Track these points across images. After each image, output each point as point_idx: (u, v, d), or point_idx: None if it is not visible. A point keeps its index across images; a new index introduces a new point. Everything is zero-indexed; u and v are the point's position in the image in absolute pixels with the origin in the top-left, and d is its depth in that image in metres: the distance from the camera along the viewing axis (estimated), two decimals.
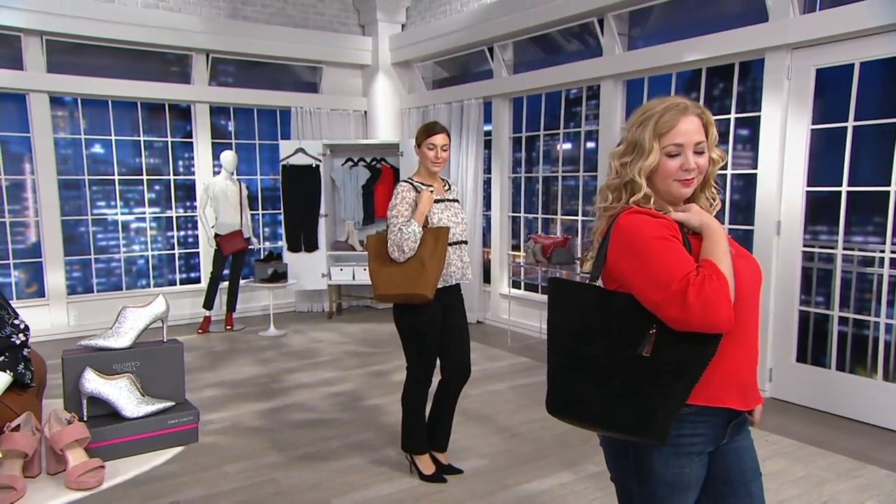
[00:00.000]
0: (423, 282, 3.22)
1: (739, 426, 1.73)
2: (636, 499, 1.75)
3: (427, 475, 3.51)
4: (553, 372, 1.76)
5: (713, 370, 1.58)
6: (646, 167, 1.66)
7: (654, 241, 1.60)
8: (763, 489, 1.78)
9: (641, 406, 1.58)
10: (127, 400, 2.01)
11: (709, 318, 1.50)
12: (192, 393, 4.85)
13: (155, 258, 7.72)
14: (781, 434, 4.10)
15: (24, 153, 6.78)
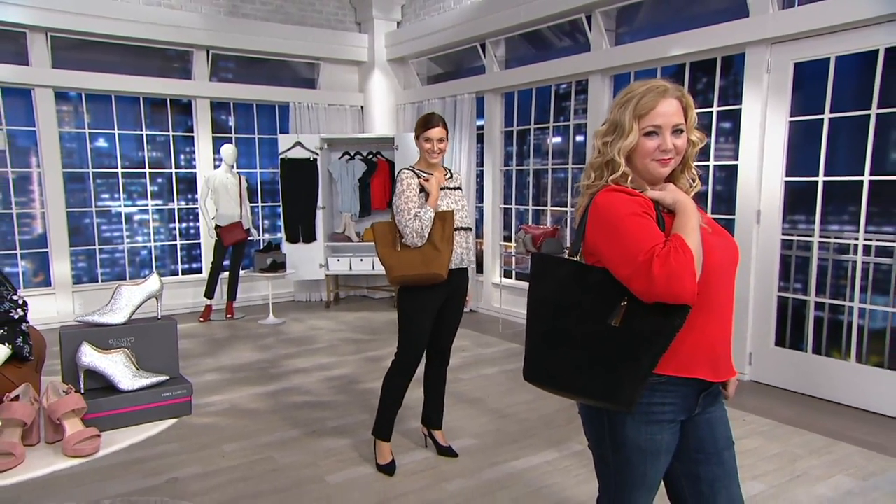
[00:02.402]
0: (438, 262, 3.24)
1: (713, 397, 1.76)
2: (611, 464, 1.79)
3: (380, 464, 3.45)
4: (531, 341, 1.79)
5: (683, 342, 1.60)
6: (625, 147, 1.68)
7: (627, 218, 1.62)
8: (735, 458, 1.80)
9: (610, 374, 1.61)
10: (122, 373, 2.05)
11: (673, 290, 1.51)
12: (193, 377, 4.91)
13: (157, 249, 7.74)
14: (759, 414, 4.15)
15: (30, 147, 6.79)
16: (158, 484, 3.28)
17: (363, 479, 3.34)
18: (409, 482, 3.29)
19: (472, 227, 3.57)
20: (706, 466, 1.76)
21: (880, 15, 4.00)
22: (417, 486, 3.25)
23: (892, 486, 3.22)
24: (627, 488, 1.77)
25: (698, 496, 1.78)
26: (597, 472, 1.87)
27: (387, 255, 3.34)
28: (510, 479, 3.32)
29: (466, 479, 3.32)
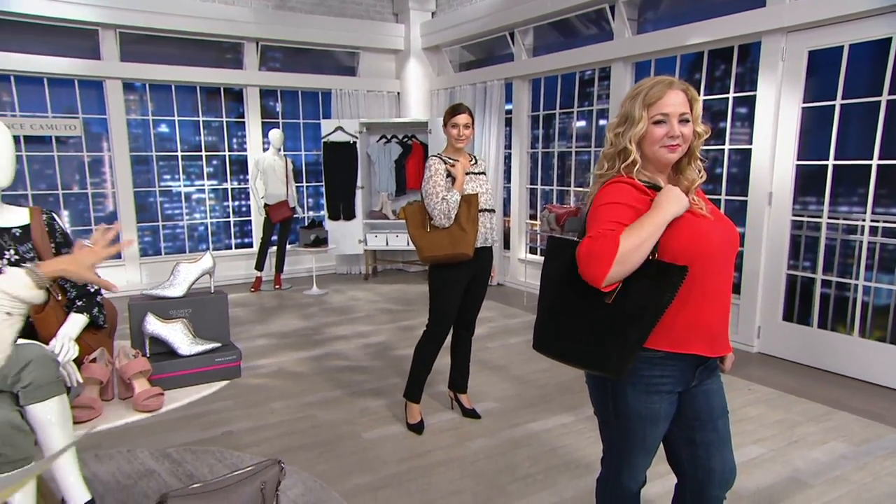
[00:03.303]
0: (465, 242, 3.29)
1: (709, 371, 1.79)
2: (613, 428, 1.85)
3: (410, 423, 3.55)
4: (539, 314, 1.83)
5: (678, 320, 1.64)
6: (635, 134, 1.69)
7: (605, 205, 1.66)
8: (729, 425, 1.84)
9: (600, 346, 1.66)
10: (181, 340, 2.20)
11: (587, 270, 1.57)
12: (245, 342, 5.10)
13: (213, 225, 7.92)
14: (764, 384, 4.15)
15: (101, 133, 7.00)
16: (215, 436, 3.45)
17: (395, 436, 3.44)
18: (437, 440, 3.39)
19: (495, 209, 3.58)
20: (702, 433, 1.80)
21: (894, 3, 3.90)
22: (444, 443, 3.35)
23: (885, 451, 3.23)
24: (627, 450, 1.84)
25: (694, 459, 1.83)
26: (601, 435, 1.93)
27: (417, 236, 3.39)
28: (528, 439, 3.38)
29: (488, 439, 3.40)
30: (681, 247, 1.62)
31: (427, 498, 2.81)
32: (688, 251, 1.62)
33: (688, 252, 1.61)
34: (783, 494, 2.82)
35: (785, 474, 2.99)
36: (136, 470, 3.00)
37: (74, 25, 6.52)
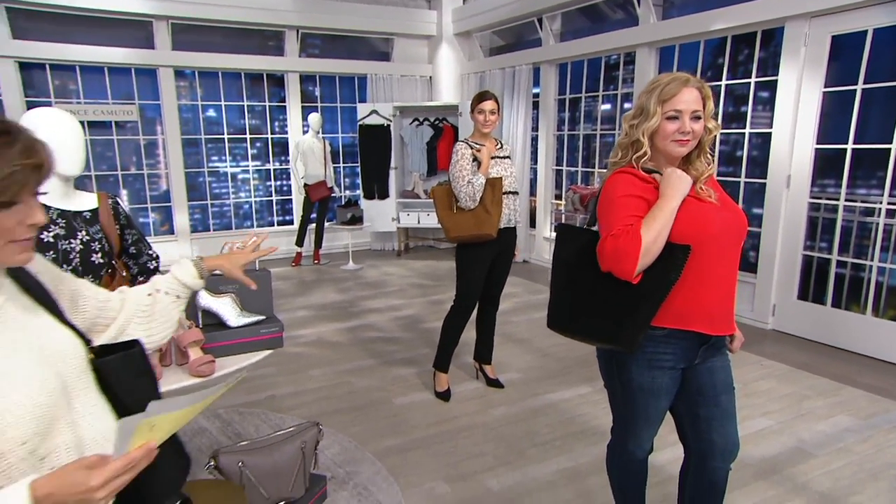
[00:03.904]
0: (489, 223, 3.33)
1: (714, 349, 1.81)
2: (619, 400, 1.92)
3: (438, 391, 3.64)
4: (553, 295, 1.88)
5: (682, 300, 1.68)
6: (648, 128, 1.71)
7: (618, 199, 1.69)
8: (733, 402, 1.86)
9: (615, 321, 1.70)
10: (230, 313, 2.32)
11: (614, 267, 1.62)
12: (286, 313, 5.25)
13: (257, 203, 8.09)
14: (776, 360, 4.15)
15: (155, 118, 7.20)
16: (260, 399, 3.60)
17: (424, 403, 3.54)
18: (462, 407, 3.48)
19: (518, 192, 3.60)
20: (704, 408, 1.84)
21: None
22: (469, 410, 3.44)
23: (890, 424, 3.23)
24: (633, 420, 1.90)
25: (697, 432, 1.88)
26: (610, 405, 1.99)
27: (445, 217, 3.44)
28: (547, 408, 3.45)
29: (510, 407, 3.47)
30: (681, 229, 1.64)
31: (452, 460, 2.92)
32: (687, 234, 1.64)
33: (687, 234, 1.64)
34: (787, 463, 2.86)
35: (790, 445, 3.02)
36: (191, 428, 3.18)
37: (130, 17, 6.69)
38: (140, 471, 0.93)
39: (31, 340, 1.04)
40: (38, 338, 1.05)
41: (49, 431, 1.00)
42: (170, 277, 1.43)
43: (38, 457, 0.99)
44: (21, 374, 0.98)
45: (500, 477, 2.76)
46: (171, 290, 1.41)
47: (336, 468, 2.83)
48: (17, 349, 1.01)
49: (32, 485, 0.88)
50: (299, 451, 2.27)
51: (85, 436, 1.06)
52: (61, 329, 1.12)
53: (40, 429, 0.98)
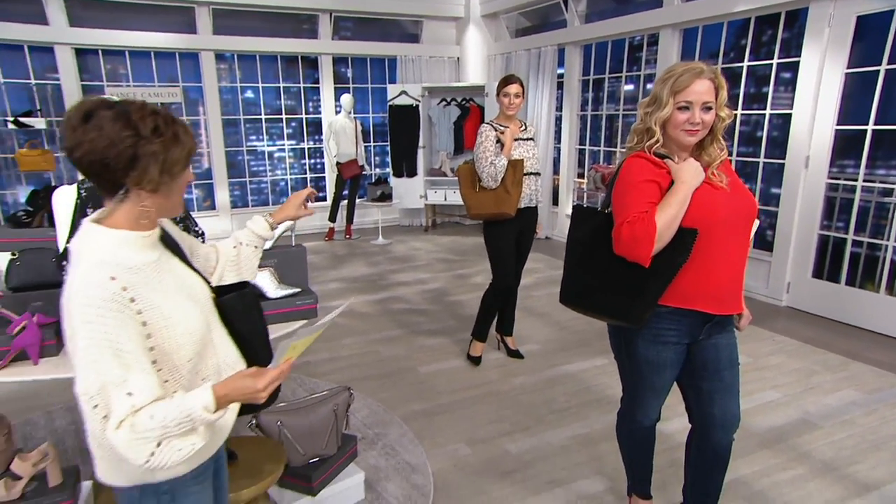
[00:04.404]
0: (508, 203, 3.36)
1: (720, 327, 1.83)
2: (627, 371, 1.98)
3: (472, 355, 3.76)
4: (566, 272, 1.93)
5: (689, 281, 1.71)
6: (660, 117, 1.72)
7: (633, 185, 1.71)
8: (737, 377, 1.89)
9: (624, 298, 1.75)
10: (268, 286, 2.42)
11: (630, 252, 1.66)
12: (319, 285, 5.38)
13: (292, 180, 8.19)
14: (788, 336, 4.13)
15: (197, 99, 7.32)
16: (296, 365, 3.70)
17: (448, 371, 3.63)
18: (484, 375, 3.57)
19: (540, 172, 3.62)
20: (707, 382, 1.88)
21: None
22: (490, 378, 3.52)
23: (895, 399, 3.22)
24: (639, 390, 1.96)
25: (700, 405, 1.92)
26: (620, 377, 2.05)
27: (467, 195, 3.49)
28: (565, 378, 3.51)
29: (529, 376, 3.54)
30: (690, 213, 1.67)
31: (473, 424, 3.02)
32: (696, 218, 1.66)
33: (696, 219, 1.66)
34: (792, 433, 2.89)
35: (796, 416, 3.05)
36: None
37: (175, 4, 6.78)
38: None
39: (181, 283, 1.24)
40: (184, 281, 1.25)
41: (203, 354, 1.23)
42: (248, 231, 1.61)
43: (197, 372, 1.22)
44: (183, 308, 1.19)
45: (517, 441, 2.85)
46: (250, 242, 1.59)
47: (366, 429, 2.95)
48: (177, 290, 1.21)
49: (213, 387, 1.11)
50: (332, 413, 2.37)
51: (221, 361, 1.30)
52: (194, 275, 1.31)
53: (198, 351, 1.21)
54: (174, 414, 1.07)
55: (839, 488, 2.48)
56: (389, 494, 2.46)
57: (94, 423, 1.06)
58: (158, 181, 1.14)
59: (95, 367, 1.05)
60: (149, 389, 1.08)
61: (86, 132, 1.09)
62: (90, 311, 1.06)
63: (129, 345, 1.07)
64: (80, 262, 1.12)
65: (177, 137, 1.16)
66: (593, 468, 2.62)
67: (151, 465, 1.08)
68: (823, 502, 2.39)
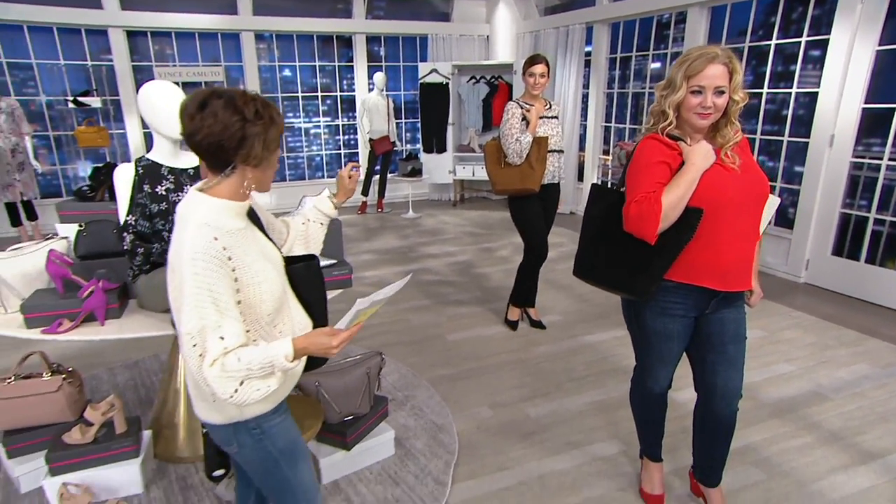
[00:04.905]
0: (532, 179, 3.38)
1: (728, 302, 1.85)
2: (637, 341, 2.03)
3: (509, 319, 3.87)
4: (580, 246, 1.97)
5: (695, 258, 1.73)
6: (673, 100, 1.73)
7: (644, 165, 1.74)
8: (741, 352, 1.90)
9: (630, 273, 1.80)
10: None
11: (636, 229, 1.69)
12: (353, 256, 5.49)
13: (327, 156, 8.28)
14: (805, 311, 4.10)
15: (238, 78, 7.42)
16: None
17: (474, 339, 3.71)
18: (507, 344, 3.64)
19: (564, 150, 3.61)
20: (712, 354, 1.91)
21: None
22: (513, 347, 3.59)
23: None
24: (649, 360, 2.01)
25: (703, 375, 1.96)
26: (633, 347, 2.11)
27: (493, 171, 3.51)
28: (584, 348, 3.56)
29: (550, 346, 3.60)
30: (697, 193, 1.68)
31: (495, 389, 3.11)
32: (703, 198, 1.68)
33: (703, 198, 1.68)
34: (803, 404, 2.91)
35: (808, 388, 3.06)
36: None
37: None
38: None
39: (262, 249, 1.36)
40: (264, 248, 1.37)
41: (279, 311, 1.36)
42: (315, 210, 1.71)
43: (274, 326, 1.36)
44: (265, 270, 1.32)
45: (537, 406, 2.93)
46: (317, 219, 1.71)
47: (396, 392, 3.07)
48: (259, 255, 1.33)
49: (294, 340, 1.26)
50: (365, 376, 2.48)
51: (293, 320, 1.42)
52: (271, 244, 1.43)
53: (276, 307, 1.34)
54: (259, 359, 1.22)
55: (845, 456, 2.51)
56: (417, 451, 2.57)
57: (192, 360, 1.22)
58: (261, 157, 1.29)
59: (198, 311, 1.20)
60: (237, 335, 1.23)
61: (203, 119, 1.23)
62: (197, 265, 1.21)
63: (225, 296, 1.22)
64: (187, 224, 1.27)
65: (273, 119, 1.28)
66: (608, 432, 2.69)
67: (235, 400, 1.23)
68: (828, 469, 2.43)
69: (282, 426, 1.44)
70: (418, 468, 2.46)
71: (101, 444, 2.27)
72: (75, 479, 2.22)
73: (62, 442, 2.26)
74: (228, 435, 1.39)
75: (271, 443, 1.41)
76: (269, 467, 1.43)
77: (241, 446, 1.40)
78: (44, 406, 2.32)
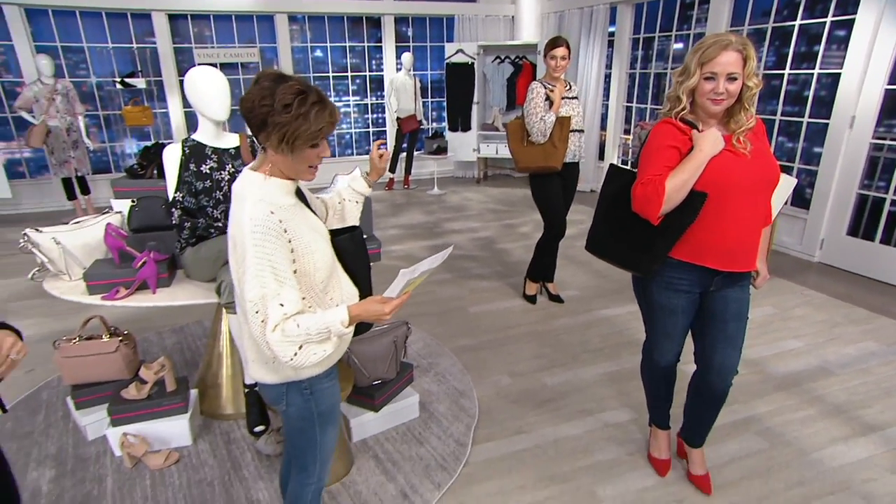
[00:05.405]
0: (555, 157, 3.39)
1: (733, 282, 1.86)
2: (646, 315, 2.07)
3: (526, 294, 3.90)
4: (593, 223, 2.01)
5: (699, 239, 1.75)
6: (687, 86, 1.73)
7: (655, 148, 1.75)
8: (741, 331, 1.92)
9: (637, 250, 1.84)
10: None
11: (642, 210, 1.72)
12: (381, 230, 5.57)
13: (356, 134, 8.32)
14: (817, 290, 4.05)
15: (272, 58, 7.43)
16: None
17: (494, 312, 3.76)
18: (526, 317, 3.69)
19: (584, 130, 3.60)
20: (713, 331, 1.94)
21: None
22: (532, 320, 3.64)
23: None
24: (656, 333, 2.05)
25: (702, 350, 2.00)
26: (643, 321, 2.14)
27: (516, 149, 3.50)
28: (600, 322, 3.59)
29: (568, 319, 3.64)
30: (703, 176, 1.70)
31: (514, 358, 3.17)
32: (708, 181, 1.70)
33: (708, 182, 1.70)
34: (808, 379, 2.92)
35: (815, 364, 3.06)
36: None
37: None
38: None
39: (311, 223, 1.41)
40: (312, 222, 1.42)
41: (330, 280, 1.42)
42: (350, 189, 1.75)
43: (326, 292, 1.41)
44: (316, 241, 1.37)
45: (554, 375, 2.99)
46: (352, 198, 1.75)
47: (420, 359, 3.16)
48: (309, 228, 1.38)
49: (349, 307, 1.33)
50: (392, 344, 2.57)
51: (342, 288, 1.48)
52: (317, 219, 1.48)
53: (328, 276, 1.40)
54: (316, 325, 1.29)
55: (846, 428, 2.53)
56: (440, 414, 2.67)
57: (255, 325, 1.28)
58: (278, 147, 1.30)
59: (259, 281, 1.26)
60: (296, 302, 1.29)
61: (249, 91, 1.30)
62: (257, 237, 1.26)
63: (283, 265, 1.28)
64: (244, 200, 1.32)
65: (306, 117, 1.27)
66: (620, 401, 2.75)
67: (294, 363, 1.30)
68: (829, 439, 2.46)
69: (329, 391, 1.51)
70: (441, 430, 2.56)
71: (154, 400, 2.42)
72: (133, 430, 2.38)
73: (121, 397, 2.41)
74: (280, 394, 1.47)
75: (316, 404, 1.48)
76: (305, 426, 1.50)
77: (289, 404, 1.47)
78: (104, 364, 2.47)
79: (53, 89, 5.44)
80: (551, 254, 3.85)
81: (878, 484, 2.21)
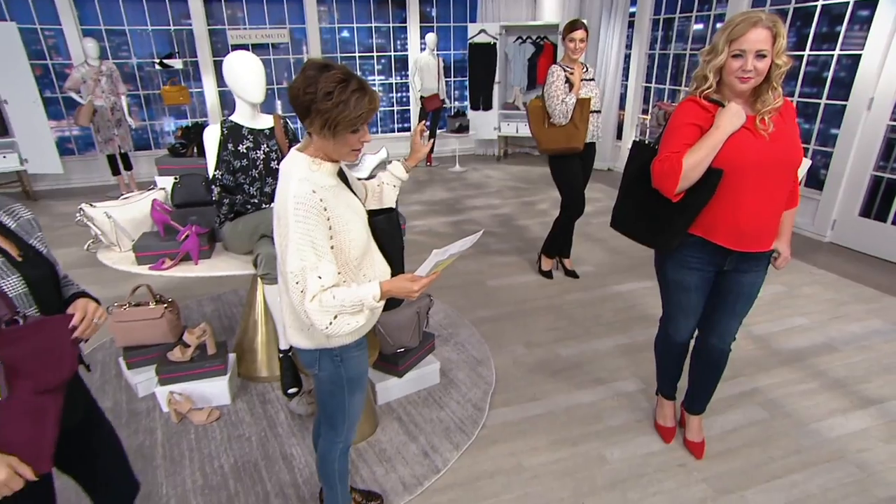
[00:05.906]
0: (577, 138, 3.36)
1: (746, 261, 1.84)
2: (662, 291, 2.09)
3: (542, 269, 3.93)
4: (617, 200, 2.00)
5: (714, 216, 1.74)
6: (715, 64, 1.68)
7: (677, 126, 1.73)
8: (746, 308, 1.93)
9: (656, 227, 1.84)
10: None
11: (659, 185, 1.72)
12: (404, 206, 5.61)
13: (381, 112, 8.28)
14: (825, 269, 4.01)
15: (301, 39, 7.42)
16: None
17: (512, 286, 3.80)
18: (542, 291, 3.72)
19: (601, 110, 3.56)
20: (721, 306, 1.96)
21: None
22: (548, 294, 3.67)
23: None
24: (672, 309, 2.07)
25: (707, 320, 2.03)
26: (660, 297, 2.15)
27: (538, 131, 3.47)
28: (614, 297, 3.60)
29: (582, 294, 3.65)
30: (721, 155, 1.68)
31: (530, 329, 3.22)
32: (724, 159, 1.68)
33: (724, 160, 1.68)
34: (812, 354, 2.92)
35: (819, 340, 3.06)
36: None
37: None
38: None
39: (350, 204, 1.44)
40: (351, 203, 1.46)
41: (364, 257, 1.46)
42: (388, 174, 1.80)
43: (360, 268, 1.46)
44: (353, 220, 1.41)
45: (568, 346, 3.04)
46: (390, 182, 1.80)
47: (441, 329, 3.22)
48: (348, 208, 1.42)
49: (381, 283, 1.38)
50: (415, 314, 2.64)
51: (376, 265, 1.52)
52: (356, 199, 1.51)
53: (362, 253, 1.44)
54: (351, 298, 1.34)
55: (845, 401, 2.55)
56: (459, 381, 2.75)
57: (295, 295, 1.34)
58: (320, 132, 1.34)
59: (300, 254, 1.31)
60: (332, 275, 1.34)
61: (295, 80, 1.33)
62: (300, 213, 1.31)
63: (321, 240, 1.33)
64: (290, 178, 1.36)
65: (346, 104, 1.29)
66: (631, 372, 2.79)
67: (329, 331, 1.36)
68: (828, 411, 2.48)
69: (358, 359, 1.57)
70: (460, 395, 2.64)
71: (196, 362, 2.55)
72: (178, 389, 2.51)
73: (167, 359, 2.54)
74: (314, 358, 1.54)
75: (345, 370, 1.55)
76: (335, 390, 1.58)
77: (321, 369, 1.55)
78: (151, 329, 2.60)
79: (99, 70, 5.54)
80: (568, 231, 3.86)
81: (872, 454, 2.24)
